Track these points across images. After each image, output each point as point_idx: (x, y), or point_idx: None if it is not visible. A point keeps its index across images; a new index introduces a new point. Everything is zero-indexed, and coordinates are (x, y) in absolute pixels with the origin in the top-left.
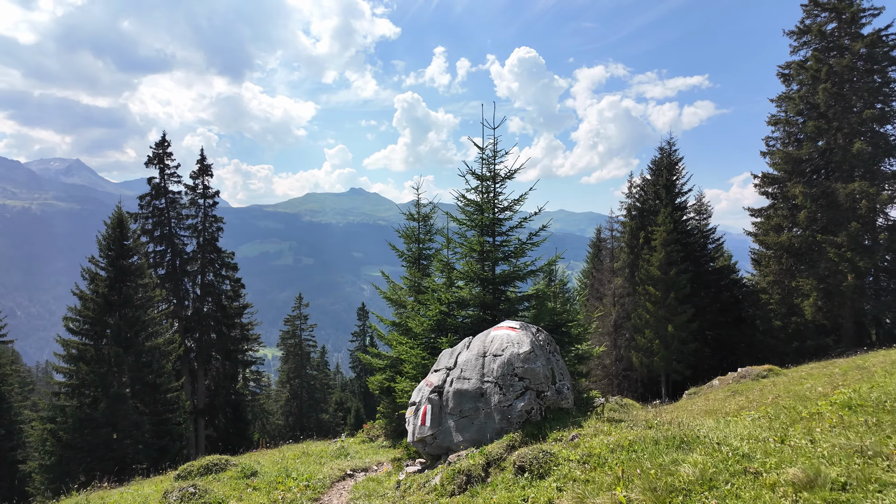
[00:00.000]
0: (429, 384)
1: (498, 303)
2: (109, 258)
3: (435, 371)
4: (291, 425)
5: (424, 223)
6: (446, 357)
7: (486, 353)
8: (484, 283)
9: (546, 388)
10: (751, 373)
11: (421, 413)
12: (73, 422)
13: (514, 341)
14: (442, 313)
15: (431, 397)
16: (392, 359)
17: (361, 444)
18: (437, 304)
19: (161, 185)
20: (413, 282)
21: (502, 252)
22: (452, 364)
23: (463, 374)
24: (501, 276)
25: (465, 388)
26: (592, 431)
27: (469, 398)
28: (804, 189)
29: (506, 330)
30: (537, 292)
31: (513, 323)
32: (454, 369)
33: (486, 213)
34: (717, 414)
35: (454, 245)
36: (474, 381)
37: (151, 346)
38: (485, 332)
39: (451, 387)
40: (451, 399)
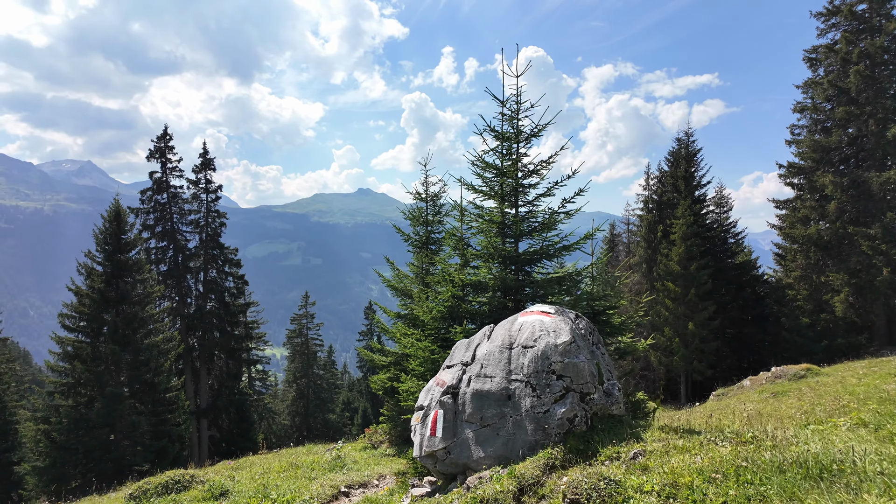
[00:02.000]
0: (440, 384)
1: (522, 286)
2: (106, 252)
3: (448, 367)
4: (298, 425)
5: (433, 204)
6: (462, 350)
7: (514, 343)
8: (505, 261)
9: (592, 388)
10: (787, 372)
11: (430, 420)
12: (68, 422)
13: (548, 329)
14: (455, 298)
15: (444, 400)
16: (397, 355)
17: (362, 452)
18: (449, 287)
19: (163, 179)
20: (420, 268)
21: (527, 225)
22: (470, 358)
23: (484, 371)
24: (526, 253)
25: (486, 389)
26: (661, 447)
27: (492, 402)
28: (834, 178)
29: (538, 315)
30: (571, 272)
31: (546, 307)
32: (472, 365)
33: (508, 178)
34: (772, 419)
35: (469, 218)
36: (498, 379)
37: (150, 344)
38: (510, 318)
39: (468, 387)
40: (469, 402)
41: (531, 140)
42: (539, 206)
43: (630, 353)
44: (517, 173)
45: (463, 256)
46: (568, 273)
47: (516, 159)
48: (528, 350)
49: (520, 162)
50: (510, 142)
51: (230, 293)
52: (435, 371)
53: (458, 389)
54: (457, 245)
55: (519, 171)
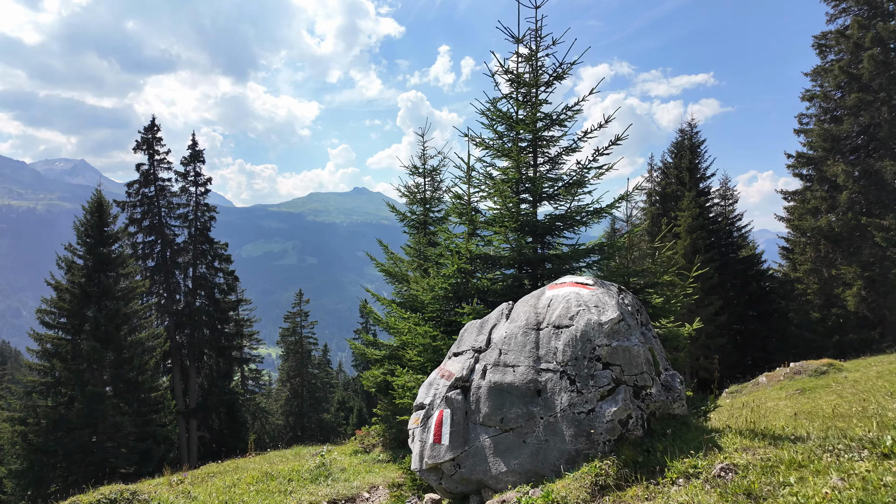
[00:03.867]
0: (445, 375)
1: (542, 259)
2: (88, 246)
3: (455, 355)
4: (292, 425)
5: (432, 179)
6: (473, 333)
7: (542, 323)
8: (522, 230)
9: (648, 380)
10: (806, 368)
11: (434, 423)
12: (47, 423)
13: (588, 304)
14: (462, 272)
15: (451, 397)
16: (391, 347)
17: (351, 458)
18: (454, 260)
19: (150, 171)
20: (417, 250)
21: (549, 185)
22: (483, 343)
23: (503, 359)
24: (548, 220)
25: (507, 382)
26: (756, 460)
27: (516, 398)
28: (846, 168)
29: (572, 287)
30: (604, 243)
31: (581, 278)
32: (487, 351)
33: (525, 130)
34: (814, 417)
35: (478, 181)
36: (523, 369)
37: (134, 341)
38: (535, 293)
39: (483, 379)
40: (485, 399)
41: (553, 84)
42: (563, 164)
43: (672, 341)
44: (536, 123)
45: (471, 224)
46: (600, 243)
47: (535, 106)
48: (562, 331)
49: (539, 110)
50: (528, 87)
51: (220, 289)
52: (437, 362)
53: (470, 382)
54: (464, 212)
55: (538, 122)
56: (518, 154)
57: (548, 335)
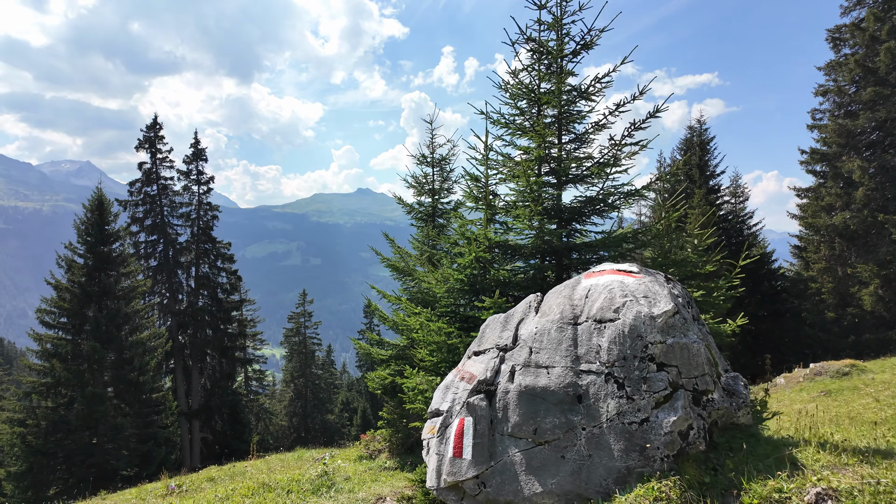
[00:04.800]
0: (465, 377)
1: (568, 248)
2: (88, 244)
3: (476, 355)
4: (296, 426)
5: (441, 169)
6: (496, 328)
7: (581, 317)
8: (546, 215)
9: (710, 384)
10: (827, 369)
11: (453, 434)
12: (46, 425)
13: (636, 294)
14: (479, 262)
15: (473, 403)
16: (398, 347)
17: (356, 464)
18: (472, 248)
19: (152, 170)
20: (425, 244)
21: (576, 165)
22: (510, 340)
23: (535, 359)
24: (577, 203)
25: (541, 386)
26: (861, 484)
27: (551, 405)
28: (862, 164)
29: (613, 276)
30: (638, 230)
31: (622, 265)
32: (515, 349)
33: (550, 104)
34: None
35: (497, 163)
36: (560, 371)
37: (135, 342)
38: (568, 282)
39: (510, 382)
40: (515, 406)
41: (580, 53)
42: (591, 142)
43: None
44: (561, 97)
45: (489, 209)
46: (634, 230)
47: (561, 76)
48: (605, 326)
49: (565, 82)
50: (552, 56)
51: (223, 289)
52: (453, 362)
53: (495, 386)
54: (481, 196)
55: (563, 95)
56: (547, 126)
57: (588, 331)
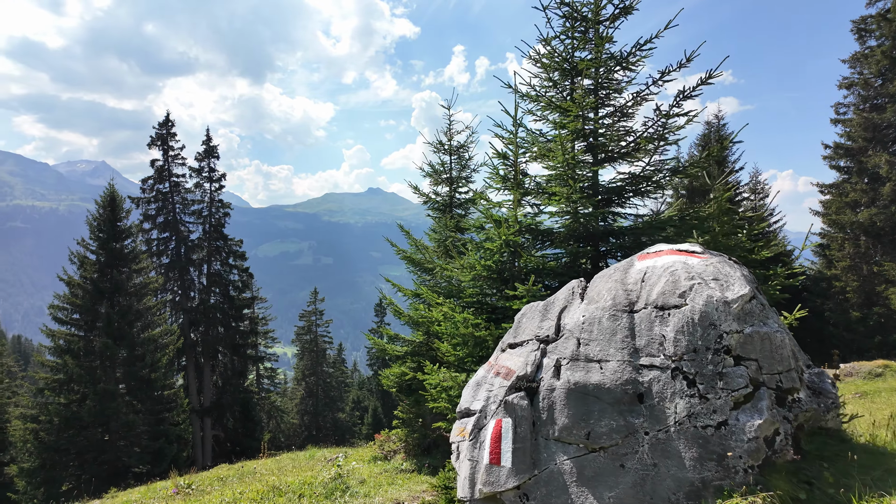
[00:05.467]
0: (502, 373)
1: (607, 233)
2: (100, 241)
3: (512, 347)
4: (307, 424)
5: (459, 157)
6: (535, 317)
7: (638, 303)
8: (582, 195)
9: (795, 381)
10: (859, 370)
11: (489, 437)
12: (59, 421)
13: (703, 276)
14: (510, 246)
15: (511, 402)
16: (414, 344)
17: (371, 466)
18: (502, 231)
19: (164, 167)
20: (443, 236)
21: (615, 141)
22: (552, 331)
23: (585, 352)
24: (614, 184)
25: (593, 383)
26: None
27: (607, 405)
28: (889, 158)
29: (674, 256)
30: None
31: (684, 245)
32: (559, 340)
33: (586, 72)
34: None
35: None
36: (615, 365)
37: (146, 338)
38: (618, 265)
39: (556, 378)
40: (562, 406)
41: (620, 18)
42: (632, 115)
43: None
44: (598, 67)
45: (518, 188)
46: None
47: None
48: (669, 313)
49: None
50: (588, 22)
51: (235, 286)
52: (480, 356)
53: (537, 382)
54: (509, 175)
55: (601, 66)
56: (583, 96)
57: (647, 319)
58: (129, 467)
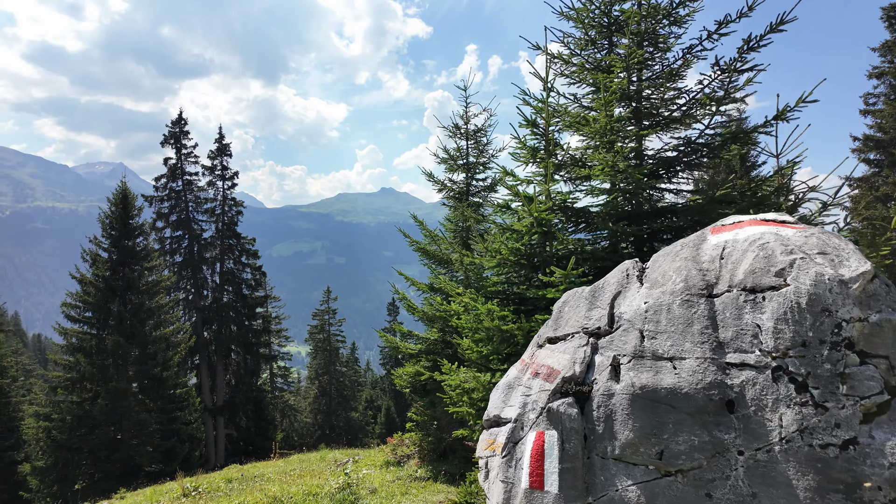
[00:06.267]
0: (542, 372)
1: (654, 212)
2: (112, 238)
3: (552, 342)
4: (320, 423)
5: (476, 142)
6: (580, 306)
7: (719, 285)
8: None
9: None
10: None
11: (528, 454)
12: (71, 419)
13: (806, 249)
14: (541, 225)
15: (558, 410)
16: (429, 341)
17: (383, 472)
18: (534, 207)
19: (177, 165)
20: (459, 226)
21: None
22: (605, 321)
23: (651, 347)
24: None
25: (666, 386)
26: None
27: (685, 415)
28: None
29: (761, 227)
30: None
31: (770, 214)
32: (615, 333)
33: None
34: None
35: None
36: (694, 363)
37: (158, 336)
38: (686, 241)
39: (615, 381)
40: (625, 416)
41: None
42: (682, 75)
43: None
44: (642, 20)
45: (551, 157)
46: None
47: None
48: (764, 297)
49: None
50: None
51: (248, 285)
52: (508, 353)
53: (589, 385)
54: (540, 144)
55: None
56: (629, 51)
57: (733, 305)
58: (142, 466)
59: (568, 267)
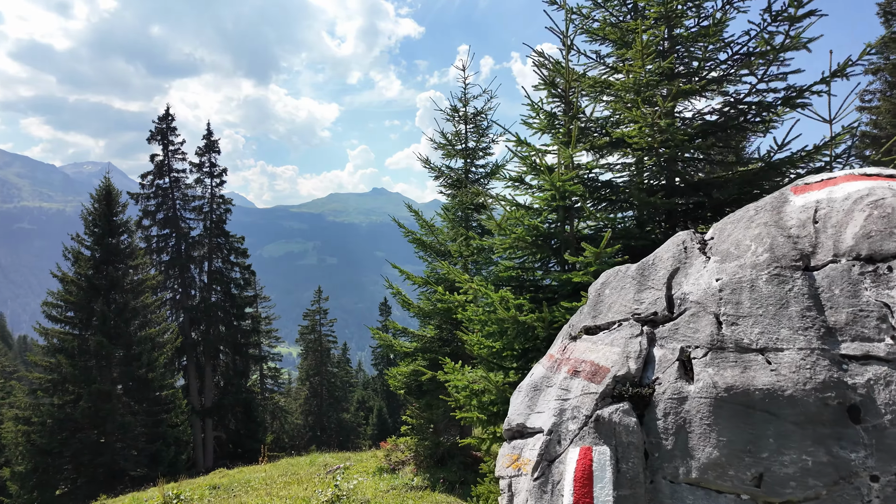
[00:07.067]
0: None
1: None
2: (96, 236)
3: (590, 332)
4: (311, 425)
5: (475, 126)
6: (626, 286)
7: (817, 254)
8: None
9: None
10: None
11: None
12: (52, 423)
13: None
14: (564, 198)
15: (609, 418)
16: (425, 339)
17: (376, 480)
18: (556, 176)
19: (164, 162)
20: (457, 216)
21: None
22: (661, 305)
23: (731, 335)
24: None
25: (760, 387)
26: None
27: (789, 424)
28: None
29: (865, 182)
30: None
31: (870, 169)
32: (681, 318)
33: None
34: None
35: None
36: (794, 357)
37: (143, 337)
38: (761, 203)
39: (687, 381)
40: (704, 426)
41: None
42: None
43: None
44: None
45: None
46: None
47: None
48: (891, 267)
49: None
50: None
51: (236, 284)
52: (526, 349)
53: (650, 387)
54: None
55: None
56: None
57: (843, 279)
58: (126, 470)
59: (602, 244)
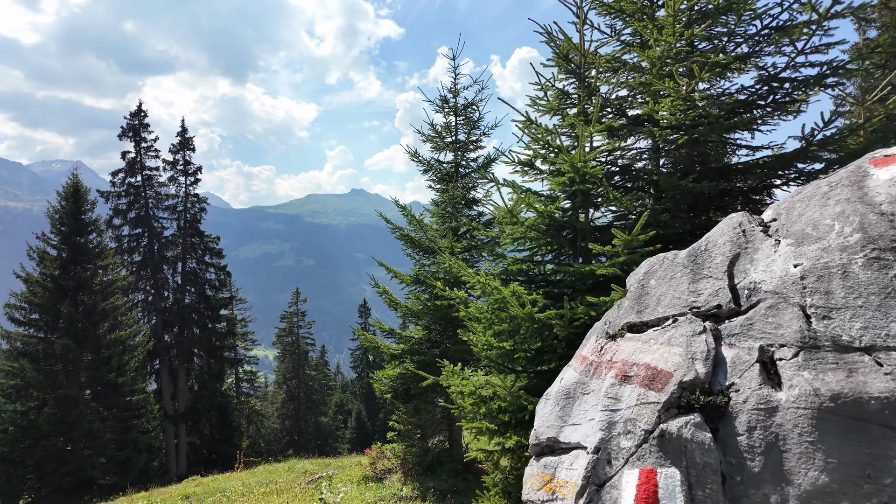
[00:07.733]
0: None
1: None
2: (62, 235)
3: (634, 330)
4: (288, 429)
5: (466, 118)
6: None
7: None
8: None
9: None
10: None
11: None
12: (14, 430)
13: None
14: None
15: (675, 434)
16: (413, 340)
17: (362, 491)
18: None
19: (136, 159)
20: (447, 212)
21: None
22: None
23: (826, 331)
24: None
25: (875, 395)
26: None
27: None
28: None
29: None
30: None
31: None
32: (754, 312)
33: None
34: None
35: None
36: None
37: (113, 340)
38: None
39: (774, 388)
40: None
41: None
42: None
43: None
44: None
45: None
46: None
47: None
48: None
49: None
50: None
51: (211, 285)
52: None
53: (723, 394)
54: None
55: None
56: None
57: None
58: (94, 479)
59: (635, 230)
